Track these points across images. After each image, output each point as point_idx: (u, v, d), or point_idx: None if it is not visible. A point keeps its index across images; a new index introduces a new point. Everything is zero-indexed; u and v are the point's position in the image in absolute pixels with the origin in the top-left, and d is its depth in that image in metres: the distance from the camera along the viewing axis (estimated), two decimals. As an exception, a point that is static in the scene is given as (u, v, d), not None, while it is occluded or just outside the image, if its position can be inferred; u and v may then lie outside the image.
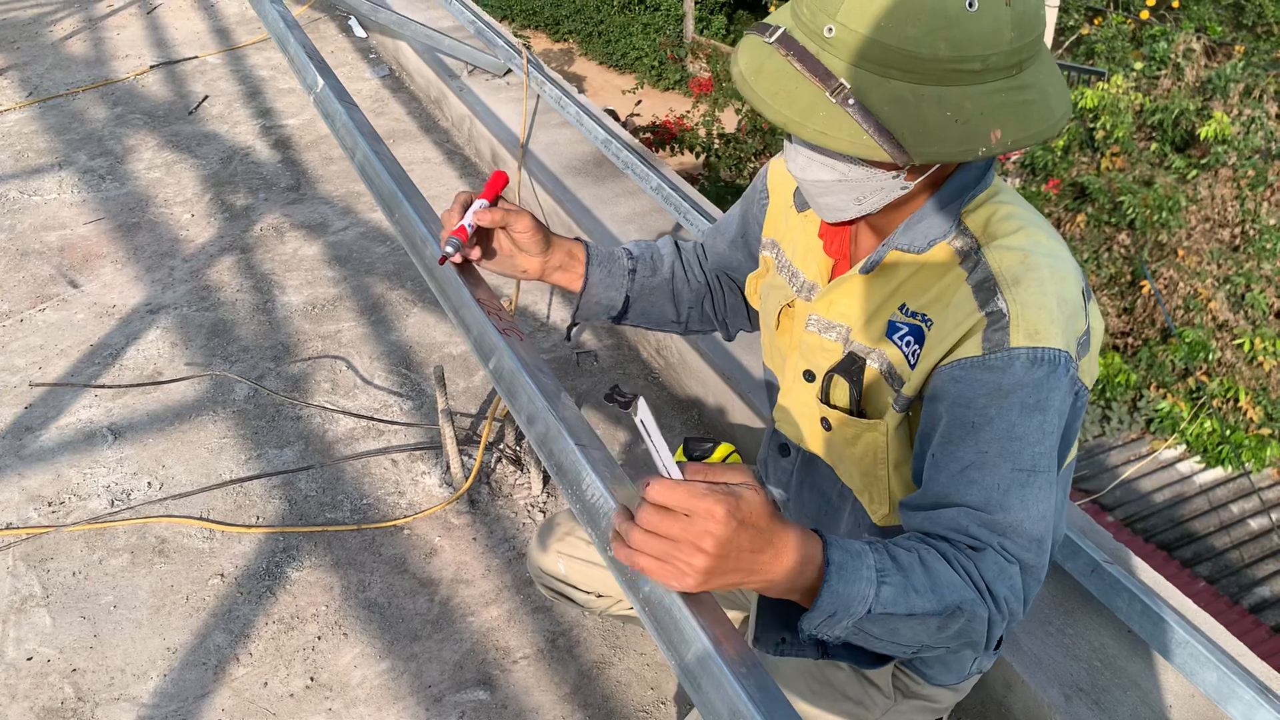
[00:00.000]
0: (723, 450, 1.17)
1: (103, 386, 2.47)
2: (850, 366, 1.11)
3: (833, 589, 0.87)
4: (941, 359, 1.00)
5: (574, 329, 1.28)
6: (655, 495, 0.82)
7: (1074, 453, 1.11)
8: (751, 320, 1.39)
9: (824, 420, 1.16)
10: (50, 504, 2.14)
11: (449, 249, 1.24)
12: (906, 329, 1.06)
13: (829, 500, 1.22)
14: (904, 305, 1.06)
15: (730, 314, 1.40)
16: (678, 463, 0.85)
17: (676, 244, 1.38)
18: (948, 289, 1.03)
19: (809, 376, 1.17)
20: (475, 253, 1.25)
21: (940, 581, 0.91)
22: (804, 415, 1.20)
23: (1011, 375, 0.95)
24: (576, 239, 1.33)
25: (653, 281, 1.35)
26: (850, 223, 1.12)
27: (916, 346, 1.04)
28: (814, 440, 1.19)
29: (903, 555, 0.92)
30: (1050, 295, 0.97)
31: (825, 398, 1.14)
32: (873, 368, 1.09)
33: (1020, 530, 0.96)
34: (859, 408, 1.11)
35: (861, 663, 0.98)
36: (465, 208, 1.23)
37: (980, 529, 0.96)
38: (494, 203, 1.24)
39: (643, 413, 0.84)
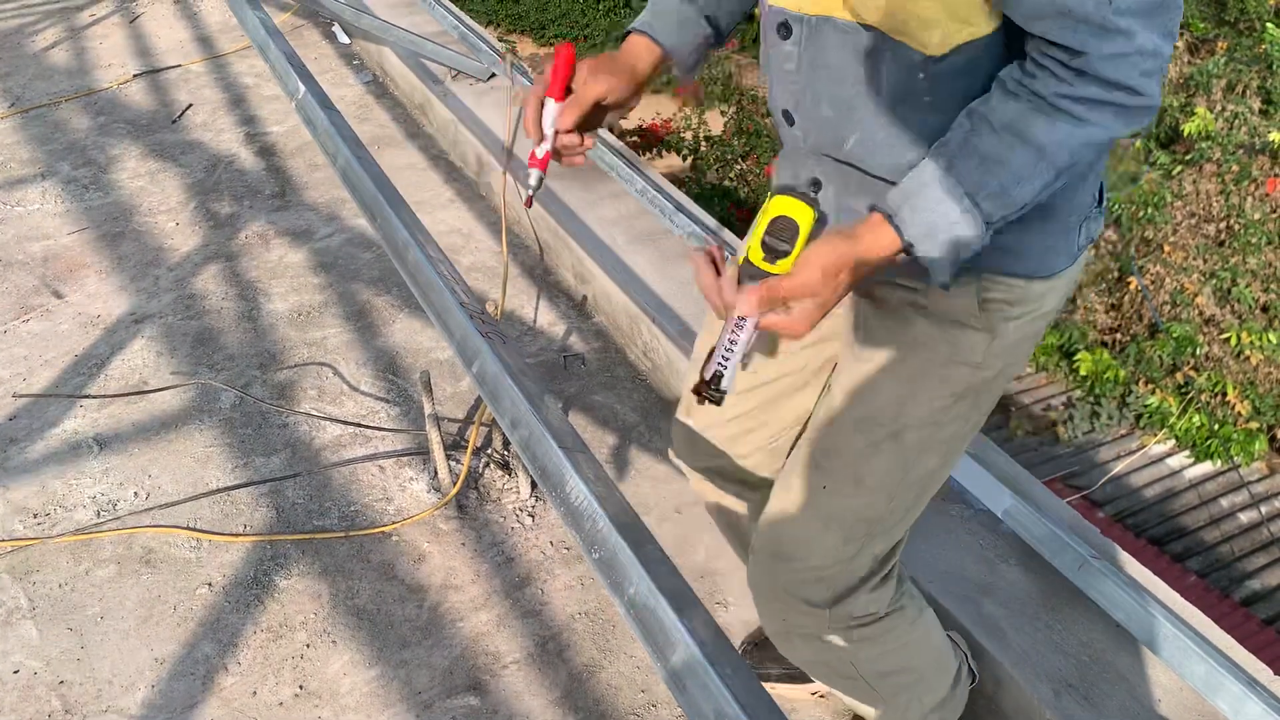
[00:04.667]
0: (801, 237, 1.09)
1: (88, 397, 2.46)
2: None
3: (928, 255, 0.99)
4: None
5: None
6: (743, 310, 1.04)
7: None
8: None
9: None
10: (35, 516, 2.13)
11: (533, 185, 1.18)
12: None
13: (856, 64, 1.06)
14: None
15: None
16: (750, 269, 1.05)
17: None
18: None
19: None
20: (579, 159, 1.22)
21: (1033, 142, 0.95)
22: None
23: None
24: (642, 35, 1.26)
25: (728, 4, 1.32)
26: None
27: None
28: None
29: (976, 139, 0.97)
30: None
31: None
32: None
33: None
34: None
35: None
36: (541, 109, 1.17)
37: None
38: (567, 93, 1.18)
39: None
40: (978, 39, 0.98)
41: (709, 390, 1.06)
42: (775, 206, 1.05)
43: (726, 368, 1.04)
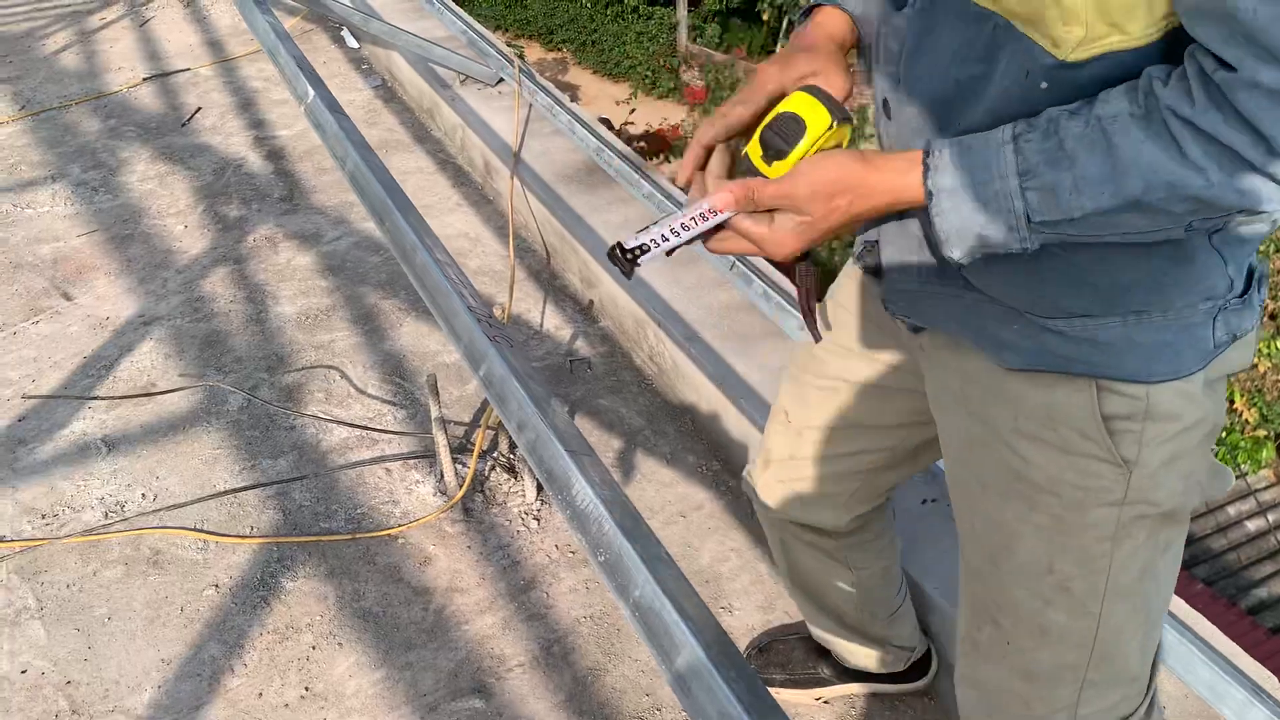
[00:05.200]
0: (812, 133, 0.93)
1: (96, 398, 2.47)
2: None
3: (943, 215, 0.85)
4: None
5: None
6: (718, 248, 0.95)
7: None
8: None
9: None
10: (44, 516, 2.14)
11: (658, 252, 0.96)
12: None
13: (966, 57, 0.87)
14: None
15: None
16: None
17: None
18: None
19: None
20: None
21: (1124, 158, 0.77)
22: None
23: None
24: (833, 8, 1.09)
25: None
26: None
27: None
28: None
29: (1066, 126, 0.79)
30: None
31: None
32: None
33: None
34: None
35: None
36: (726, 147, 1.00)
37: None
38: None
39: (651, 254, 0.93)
40: (1127, 49, 0.79)
41: (624, 258, 0.92)
42: (791, 102, 0.92)
43: (657, 246, 0.91)
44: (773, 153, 0.91)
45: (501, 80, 3.81)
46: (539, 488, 2.18)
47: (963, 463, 1.10)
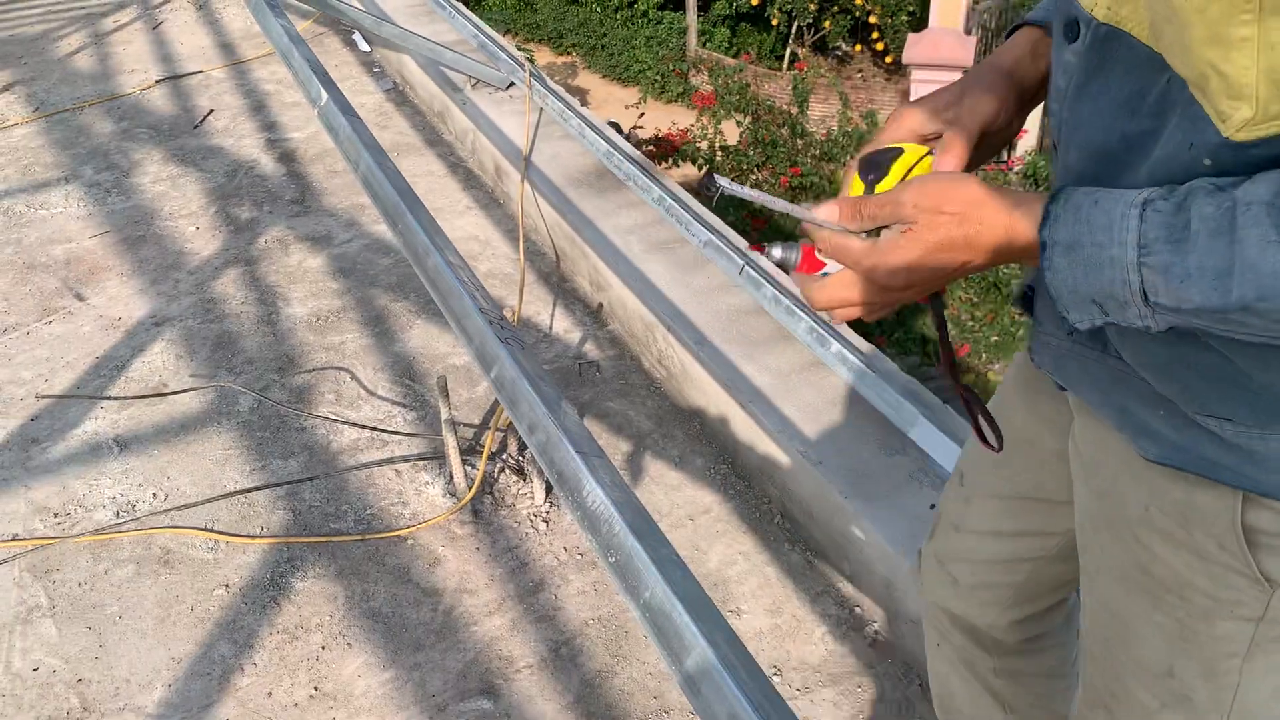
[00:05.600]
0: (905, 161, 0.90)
1: (108, 398, 2.49)
2: None
3: (1055, 270, 0.73)
4: None
5: None
6: (815, 300, 0.87)
7: None
8: None
9: None
10: (56, 515, 2.15)
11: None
12: None
13: (1135, 109, 0.75)
14: None
15: None
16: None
17: None
18: None
19: None
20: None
21: (1243, 260, 0.63)
22: None
23: None
24: (1035, 29, 0.97)
25: None
26: None
27: None
28: None
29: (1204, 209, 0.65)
30: None
31: None
32: None
33: None
34: None
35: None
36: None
37: None
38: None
39: (730, 188, 0.86)
40: None
41: (706, 181, 0.88)
42: (905, 152, 0.89)
43: (735, 190, 0.85)
44: (871, 178, 0.88)
45: (512, 84, 3.82)
46: (548, 490, 2.19)
47: (1087, 537, 0.99)
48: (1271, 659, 0.87)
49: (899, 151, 0.88)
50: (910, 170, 0.87)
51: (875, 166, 0.88)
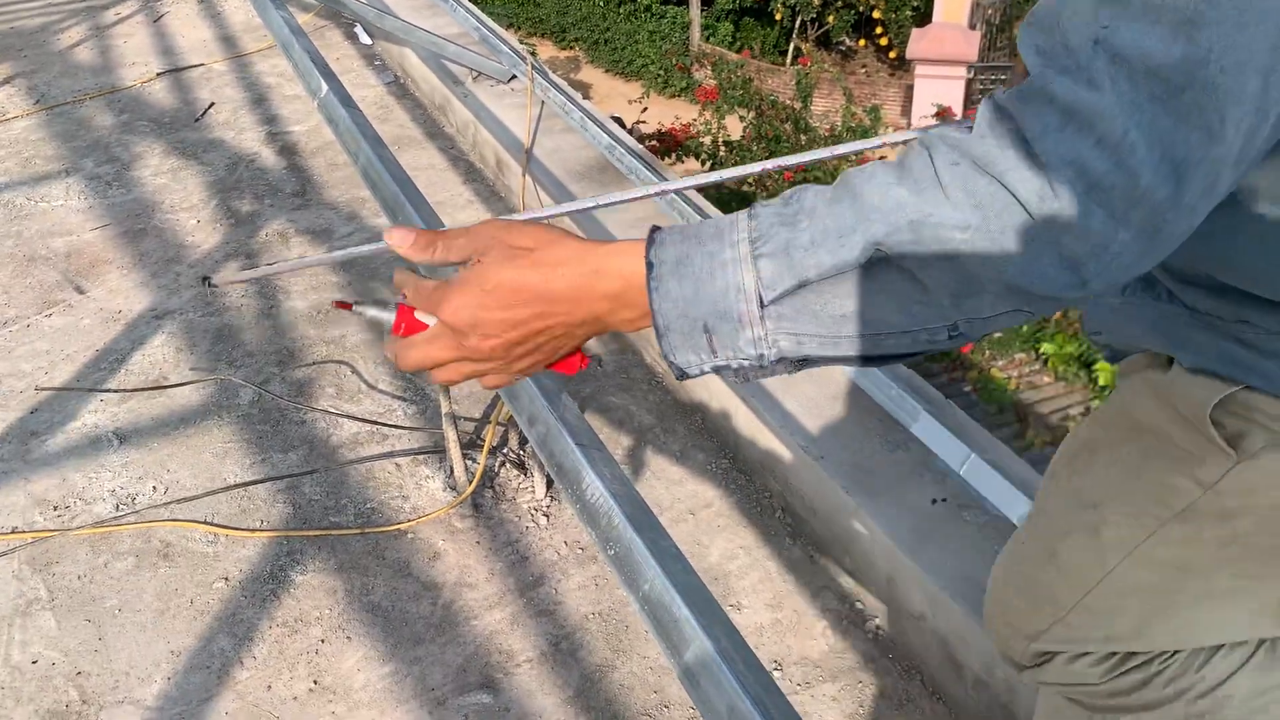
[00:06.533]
0: None
1: (108, 391, 2.48)
2: None
3: (665, 293, 0.66)
4: None
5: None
6: (403, 363, 0.76)
7: None
8: None
9: None
10: (56, 508, 2.15)
11: None
12: None
13: None
14: None
15: None
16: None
17: None
18: None
19: None
20: None
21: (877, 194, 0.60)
22: None
23: None
24: None
25: None
26: None
27: None
28: None
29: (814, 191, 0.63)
30: None
31: None
32: None
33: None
34: None
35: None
36: None
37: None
38: None
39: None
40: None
41: (205, 279, 0.81)
42: None
43: (237, 278, 0.80)
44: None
45: (514, 77, 3.81)
46: (549, 484, 2.18)
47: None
48: (1188, 527, 0.90)
49: None
50: None
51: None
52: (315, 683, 1.80)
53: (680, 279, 0.65)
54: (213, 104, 4.04)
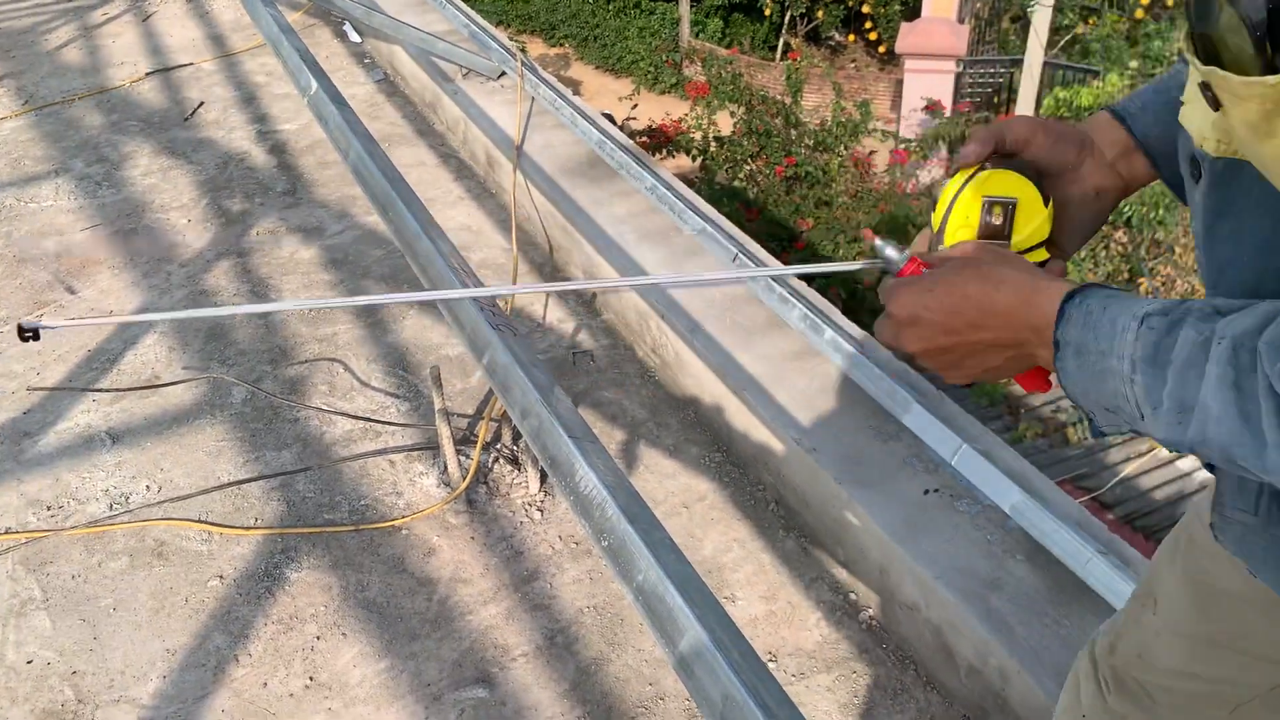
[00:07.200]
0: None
1: (100, 390, 2.48)
2: None
3: (1067, 373, 0.71)
4: None
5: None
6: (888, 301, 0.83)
7: None
8: None
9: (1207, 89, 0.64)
10: (49, 508, 2.15)
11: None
12: None
13: (1276, 244, 0.68)
14: None
15: None
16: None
17: None
18: None
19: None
20: None
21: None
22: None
23: None
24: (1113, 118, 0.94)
25: None
26: None
27: None
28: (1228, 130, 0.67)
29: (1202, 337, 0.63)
30: None
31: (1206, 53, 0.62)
32: None
33: None
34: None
35: None
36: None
37: None
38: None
39: None
40: None
41: None
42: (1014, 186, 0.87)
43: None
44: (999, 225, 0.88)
45: (504, 74, 3.81)
46: (542, 479, 2.18)
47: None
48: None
49: (1015, 202, 0.87)
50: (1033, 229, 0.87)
51: (1004, 213, 0.87)
52: (311, 679, 1.80)
53: (1080, 367, 0.71)
54: (202, 103, 4.03)
